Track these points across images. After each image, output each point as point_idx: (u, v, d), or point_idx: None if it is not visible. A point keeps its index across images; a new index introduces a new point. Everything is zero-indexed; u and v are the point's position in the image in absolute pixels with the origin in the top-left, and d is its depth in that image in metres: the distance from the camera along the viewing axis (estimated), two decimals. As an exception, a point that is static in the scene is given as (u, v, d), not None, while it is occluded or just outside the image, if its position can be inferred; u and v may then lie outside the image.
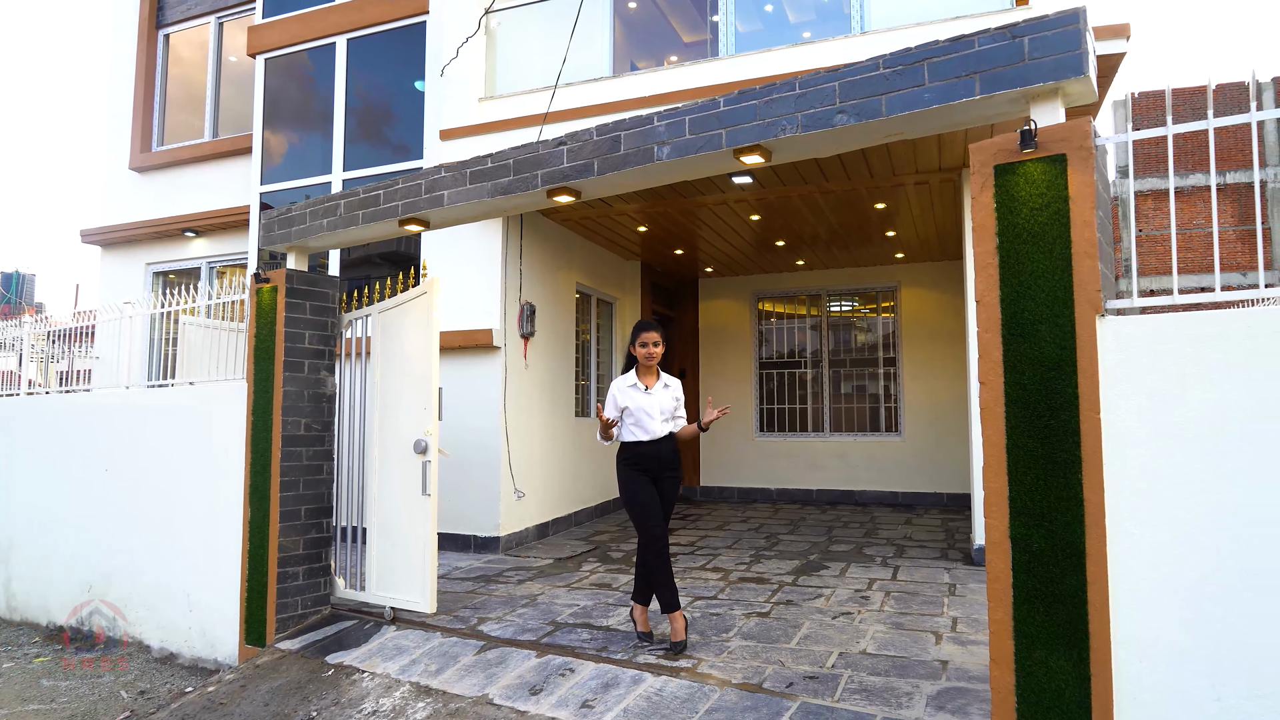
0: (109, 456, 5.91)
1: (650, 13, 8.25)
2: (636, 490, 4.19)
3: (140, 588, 5.63)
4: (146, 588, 5.60)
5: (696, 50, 7.72)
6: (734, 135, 3.39)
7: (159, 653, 5.46)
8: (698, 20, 8.30)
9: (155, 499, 5.60)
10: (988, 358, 2.73)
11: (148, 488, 5.66)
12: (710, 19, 7.70)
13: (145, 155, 9.48)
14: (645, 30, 8.21)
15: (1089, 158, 2.61)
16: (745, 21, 7.07)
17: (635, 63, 7.76)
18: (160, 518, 5.56)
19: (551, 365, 7.89)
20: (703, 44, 7.83)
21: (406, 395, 4.91)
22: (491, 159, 4.14)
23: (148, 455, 5.69)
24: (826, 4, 7.12)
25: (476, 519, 6.87)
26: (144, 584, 5.62)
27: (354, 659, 4.37)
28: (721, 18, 6.91)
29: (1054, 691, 2.55)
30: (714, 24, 7.43)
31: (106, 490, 5.89)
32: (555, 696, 3.68)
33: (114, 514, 5.82)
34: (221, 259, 9.26)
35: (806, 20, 7.58)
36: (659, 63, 7.50)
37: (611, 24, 7.23)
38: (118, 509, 5.81)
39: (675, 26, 8.59)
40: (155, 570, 5.55)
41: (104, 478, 5.92)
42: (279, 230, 5.09)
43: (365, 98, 7.90)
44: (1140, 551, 2.48)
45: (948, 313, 9.93)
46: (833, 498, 10.11)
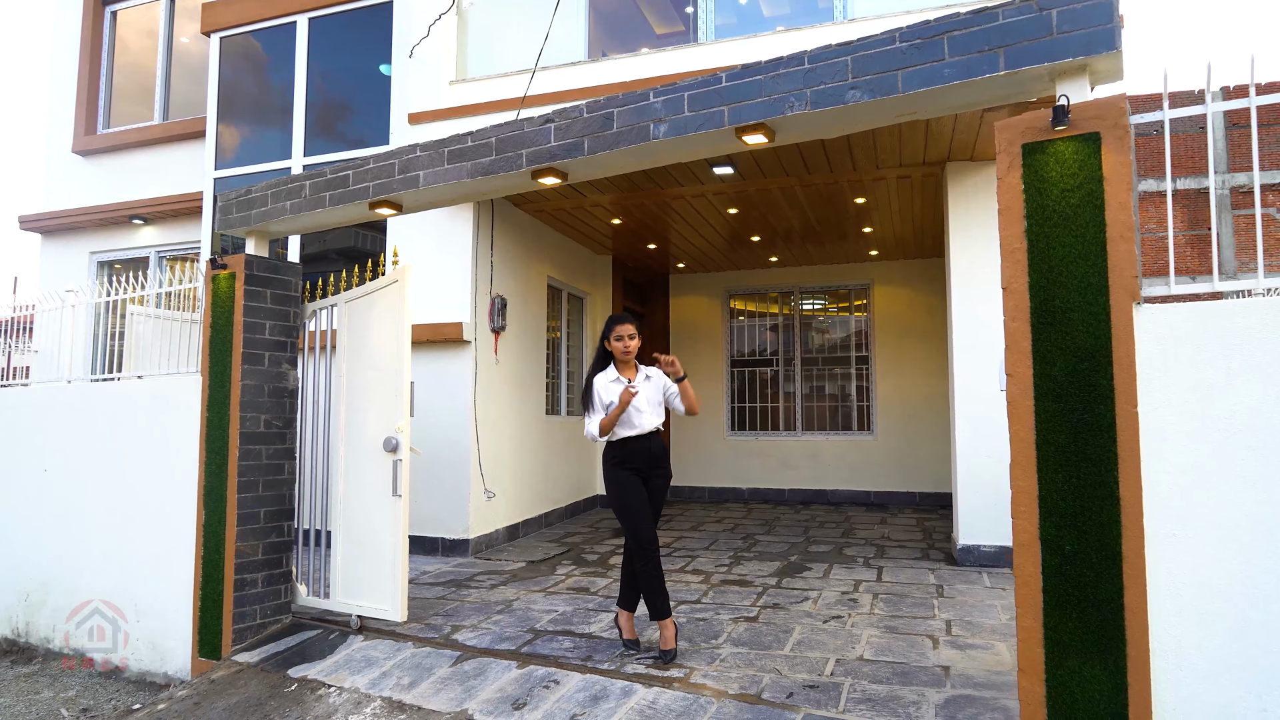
0: (48, 456, 5.49)
1: (623, 2, 8.03)
2: (626, 492, 3.96)
3: (82, 597, 5.23)
4: (89, 596, 5.20)
5: (669, 42, 7.53)
6: (737, 113, 3.18)
7: (102, 666, 5.08)
8: (671, 13, 8.11)
9: (99, 501, 5.21)
10: (1015, 348, 2.57)
11: (91, 489, 5.26)
12: (686, 10, 7.53)
13: (90, 138, 8.95)
14: (618, 21, 7.98)
15: (1125, 136, 2.46)
16: (722, 14, 6.87)
17: (608, 54, 7.53)
18: (105, 522, 5.17)
19: (522, 361, 7.62)
20: (675, 36, 7.64)
21: (375, 390, 4.62)
22: (471, 137, 3.88)
23: (91, 454, 5.29)
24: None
25: (445, 521, 6.58)
26: (86, 593, 5.22)
27: (319, 672, 4.07)
28: (701, 2, 6.71)
29: (1087, 703, 2.39)
30: (689, 15, 7.26)
31: (45, 492, 5.47)
32: (540, 711, 3.44)
33: (53, 518, 5.40)
34: (171, 248, 8.79)
35: (781, 14, 7.41)
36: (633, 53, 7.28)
37: (587, 11, 7.00)
38: (58, 512, 5.39)
39: (649, 18, 8.39)
40: (99, 577, 5.16)
41: (42, 479, 5.50)
42: (237, 213, 4.75)
43: (328, 80, 7.53)
44: (1181, 554, 2.33)
45: (920, 311, 9.89)
46: (805, 497, 9.99)
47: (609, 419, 3.93)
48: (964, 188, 6.16)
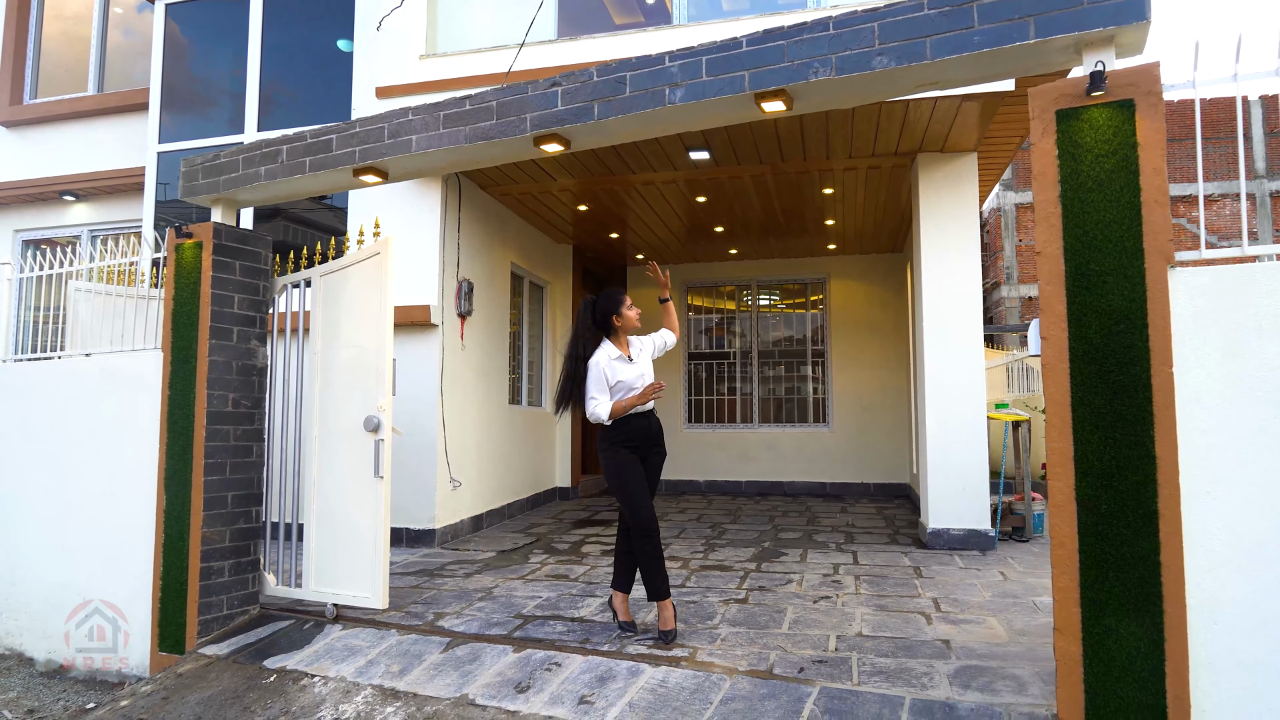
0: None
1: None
2: (626, 471, 3.86)
3: (20, 591, 4.85)
4: (28, 590, 4.82)
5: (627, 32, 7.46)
6: (758, 78, 3.13)
7: (46, 665, 4.71)
8: (632, 3, 8.04)
9: (40, 489, 4.83)
10: (1050, 311, 2.59)
11: (30, 476, 4.88)
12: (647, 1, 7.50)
13: (15, 109, 8.35)
14: (579, 8, 7.85)
15: (1159, 103, 2.50)
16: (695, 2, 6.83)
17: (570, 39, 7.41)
18: (48, 511, 4.80)
19: (487, 348, 7.43)
20: (633, 25, 7.57)
21: (354, 368, 4.41)
22: (470, 101, 3.73)
23: (29, 438, 4.91)
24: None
25: (410, 510, 6.35)
26: (25, 586, 4.84)
27: (298, 662, 3.85)
28: (675, -13, 6.66)
29: (1125, 660, 2.42)
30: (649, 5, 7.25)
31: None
32: (547, 693, 3.31)
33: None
34: (106, 227, 8.29)
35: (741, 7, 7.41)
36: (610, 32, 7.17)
37: None
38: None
39: (609, 7, 8.30)
40: (40, 569, 4.79)
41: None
42: (204, 179, 4.47)
43: (284, 53, 7.19)
44: (1217, 511, 2.38)
45: (875, 305, 10.07)
46: (763, 489, 10.05)
47: (626, 404, 3.82)
48: (934, 179, 6.27)
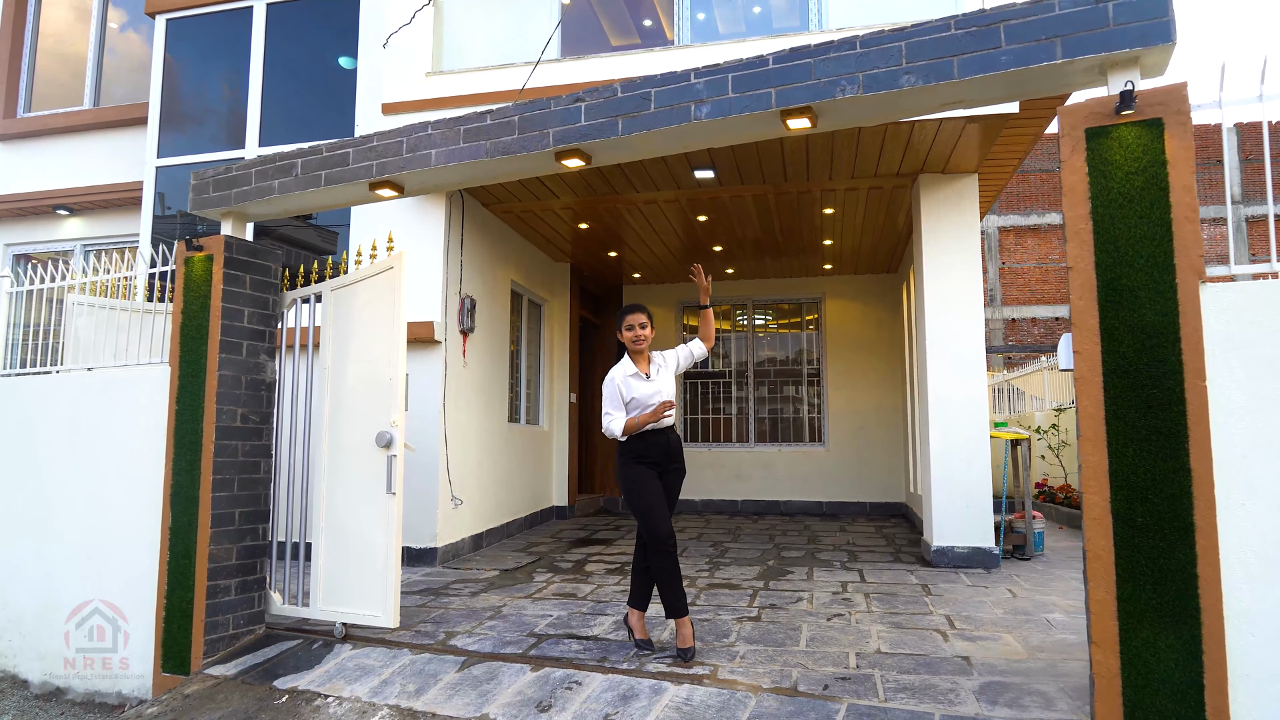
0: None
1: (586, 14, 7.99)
2: (643, 487, 3.84)
3: (13, 610, 4.73)
4: (22, 610, 4.70)
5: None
6: (784, 95, 3.17)
7: (40, 688, 4.58)
8: (628, 25, 8.13)
9: (36, 505, 4.73)
10: (1082, 326, 2.62)
11: (27, 491, 4.78)
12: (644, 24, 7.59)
13: (10, 122, 8.27)
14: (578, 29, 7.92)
15: (1187, 122, 2.56)
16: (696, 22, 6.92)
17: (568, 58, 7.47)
18: (45, 528, 4.69)
19: (488, 365, 7.39)
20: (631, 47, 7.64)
21: (365, 383, 4.37)
22: (491, 115, 3.74)
23: (24, 454, 4.81)
24: (782, 5, 7.09)
25: (412, 528, 6.27)
26: (19, 606, 4.72)
27: (310, 682, 3.78)
28: (678, 6, 6.73)
29: (1162, 673, 2.42)
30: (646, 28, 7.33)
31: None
32: (569, 713, 3.27)
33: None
34: (99, 241, 8.20)
35: (737, 30, 7.50)
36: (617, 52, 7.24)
37: (560, 11, 6.92)
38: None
39: (606, 30, 8.39)
40: (34, 589, 4.67)
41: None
42: (215, 192, 4.44)
43: (287, 70, 7.19)
44: (1252, 524, 2.40)
45: (869, 325, 10.14)
46: (759, 508, 10.03)
47: (638, 422, 3.81)
48: (936, 199, 6.35)
